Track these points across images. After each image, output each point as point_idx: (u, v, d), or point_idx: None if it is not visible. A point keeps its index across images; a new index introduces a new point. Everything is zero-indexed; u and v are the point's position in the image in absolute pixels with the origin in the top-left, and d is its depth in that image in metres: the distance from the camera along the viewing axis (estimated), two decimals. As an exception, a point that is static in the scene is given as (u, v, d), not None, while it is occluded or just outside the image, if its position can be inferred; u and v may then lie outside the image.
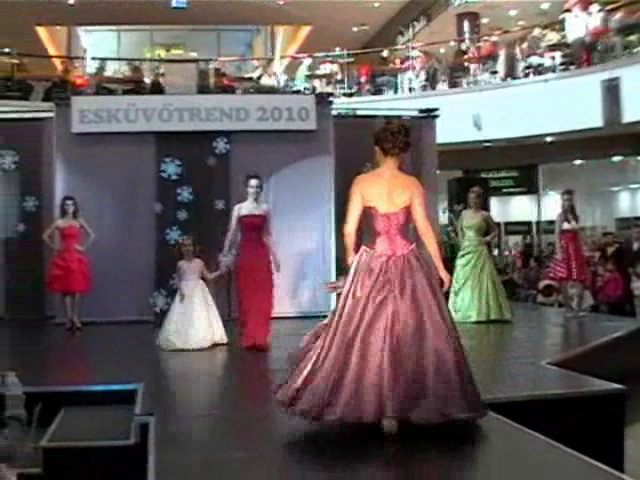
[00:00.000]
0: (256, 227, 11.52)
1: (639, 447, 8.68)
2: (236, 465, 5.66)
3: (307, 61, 25.65)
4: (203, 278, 12.13)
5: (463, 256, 14.27)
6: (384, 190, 6.68)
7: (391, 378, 5.89)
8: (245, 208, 11.61)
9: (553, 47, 22.34)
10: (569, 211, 14.12)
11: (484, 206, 15.41)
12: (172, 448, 6.14)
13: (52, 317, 14.63)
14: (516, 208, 28.05)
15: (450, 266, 15.01)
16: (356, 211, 6.68)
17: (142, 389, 8.04)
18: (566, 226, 14.05)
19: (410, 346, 6.06)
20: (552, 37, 22.75)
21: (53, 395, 7.93)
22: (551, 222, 25.64)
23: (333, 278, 14.20)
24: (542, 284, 18.83)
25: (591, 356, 10.60)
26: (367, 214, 6.68)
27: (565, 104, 20.30)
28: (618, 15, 21.00)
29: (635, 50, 20.31)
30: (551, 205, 26.80)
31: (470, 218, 14.40)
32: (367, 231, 6.86)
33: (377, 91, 24.92)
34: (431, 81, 24.46)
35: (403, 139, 6.77)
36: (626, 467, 7.31)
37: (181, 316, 11.63)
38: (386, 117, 16.72)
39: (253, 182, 11.74)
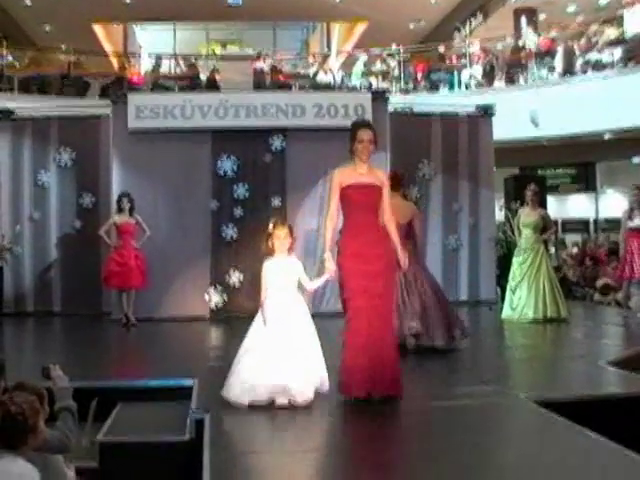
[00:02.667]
0: (369, 203, 7.65)
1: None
2: (290, 465, 5.65)
3: (363, 57, 25.58)
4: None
5: (520, 254, 14.13)
6: None
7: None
8: (348, 174, 7.77)
9: (612, 43, 22.06)
10: (637, 208, 13.80)
11: (541, 203, 15.23)
12: (227, 445, 6.15)
13: (108, 313, 14.74)
14: (573, 206, 27.77)
15: (507, 264, 14.92)
16: None
17: (198, 385, 8.06)
18: (632, 224, 13.77)
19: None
20: (611, 33, 22.47)
21: (109, 390, 7.99)
22: (608, 220, 25.57)
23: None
24: (600, 282, 18.61)
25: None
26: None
27: (623, 100, 20.03)
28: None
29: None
30: (608, 203, 26.58)
31: (527, 216, 14.25)
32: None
33: (433, 88, 24.79)
34: (488, 77, 24.27)
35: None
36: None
37: (261, 353, 7.32)
38: (442, 114, 16.75)
39: (365, 135, 7.81)
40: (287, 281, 7.57)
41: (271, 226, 7.76)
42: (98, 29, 30.01)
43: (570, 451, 5.95)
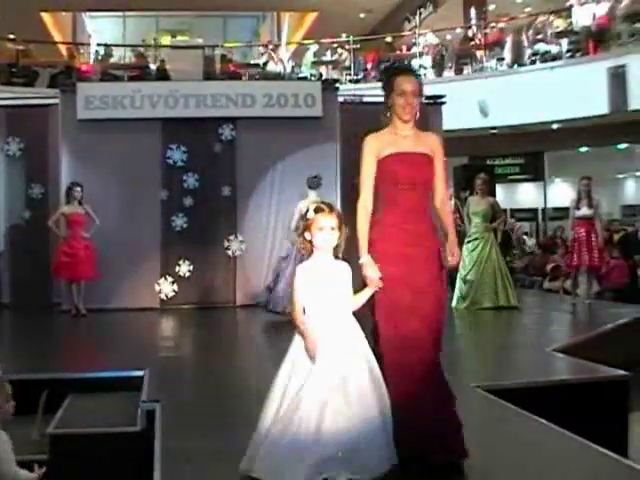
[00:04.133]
0: (419, 179, 5.59)
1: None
2: (241, 452, 5.67)
3: (313, 47, 25.59)
4: None
5: (470, 242, 14.25)
6: None
7: None
8: (387, 141, 5.71)
9: (560, 34, 22.25)
10: (585, 197, 13.97)
11: (490, 192, 15.37)
12: (178, 434, 6.16)
13: (58, 304, 14.63)
14: (522, 195, 28.00)
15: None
16: None
17: (148, 376, 8.06)
18: (580, 213, 13.95)
19: None
20: (559, 24, 22.66)
21: (59, 382, 7.97)
22: (556, 209, 25.87)
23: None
24: (550, 265, 18.81)
25: (596, 343, 10.61)
26: None
27: (571, 91, 20.22)
28: (625, 2, 20.89)
29: (642, 37, 20.23)
30: (556, 192, 26.86)
31: (476, 204, 14.38)
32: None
33: (383, 78, 24.80)
34: (438, 68, 24.38)
35: None
36: (630, 453, 7.33)
37: (307, 413, 4.89)
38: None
39: (407, 85, 5.66)
40: (334, 296, 5.09)
41: (310, 211, 5.21)
42: (47, 17, 29.71)
43: (520, 438, 6.03)
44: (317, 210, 5.19)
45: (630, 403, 8.00)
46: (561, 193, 26.01)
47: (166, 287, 15.05)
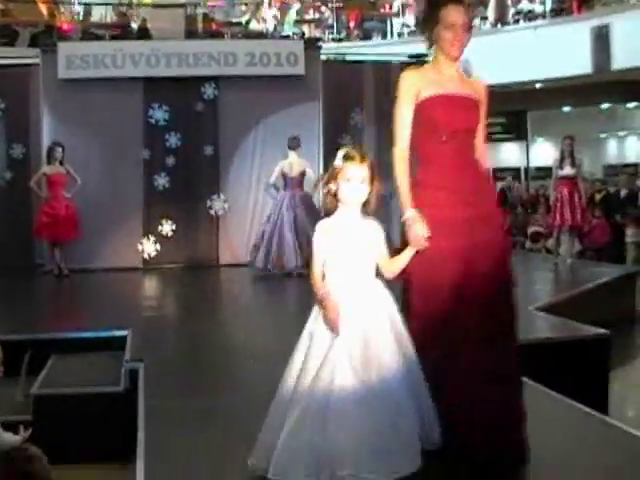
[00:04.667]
0: (466, 127, 4.79)
1: (623, 391, 8.78)
2: (225, 411, 5.69)
3: (296, 6, 25.43)
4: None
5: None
6: None
7: None
8: (430, 80, 4.84)
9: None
10: (568, 157, 13.98)
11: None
12: (162, 394, 6.17)
13: (40, 265, 14.59)
14: (505, 154, 27.98)
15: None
16: None
17: (131, 335, 8.06)
18: (563, 172, 13.96)
19: None
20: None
21: (42, 342, 7.97)
22: (539, 169, 25.88)
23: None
24: (531, 230, 18.87)
25: (578, 302, 10.67)
26: None
27: (555, 51, 20.17)
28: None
29: (625, -3, 20.20)
30: (539, 151, 26.87)
31: None
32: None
33: (366, 36, 24.75)
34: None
35: None
36: (610, 410, 7.40)
37: (328, 398, 4.08)
38: (374, 62, 16.73)
39: (456, 16, 4.81)
40: (361, 260, 4.29)
41: (339, 159, 4.35)
42: (26, -25, 29.38)
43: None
44: (346, 157, 4.33)
45: (611, 361, 8.06)
46: (544, 152, 25.98)
47: (149, 247, 15.02)
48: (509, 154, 27.88)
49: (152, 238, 15.03)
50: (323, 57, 16.35)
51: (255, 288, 12.94)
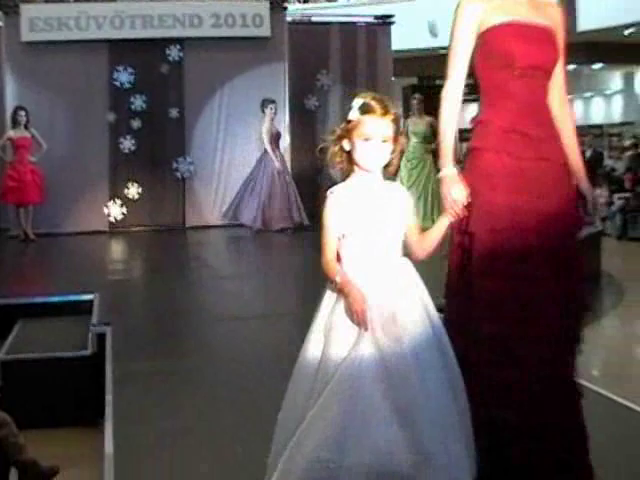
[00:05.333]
0: (541, 64, 3.84)
1: (588, 350, 8.86)
2: (192, 373, 5.73)
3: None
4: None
5: (409, 161, 14.19)
6: None
7: None
8: (496, 5, 3.85)
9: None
10: None
11: (431, 112, 15.38)
12: (129, 357, 6.19)
13: (6, 229, 14.49)
14: (471, 115, 28.01)
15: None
16: None
17: (98, 299, 8.05)
18: None
19: None
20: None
21: (8, 307, 7.94)
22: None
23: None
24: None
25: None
26: None
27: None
28: None
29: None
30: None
31: (415, 124, 14.32)
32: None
33: (332, -2, 24.64)
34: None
35: None
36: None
37: (352, 396, 3.20)
38: (340, 24, 16.69)
39: None
40: (387, 234, 3.41)
41: (355, 110, 3.39)
42: None
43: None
44: (364, 109, 3.37)
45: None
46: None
47: (115, 210, 14.96)
48: (474, 114, 27.96)
49: (118, 201, 14.97)
50: (289, 19, 16.29)
51: (222, 250, 12.96)
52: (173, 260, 12.02)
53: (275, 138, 14.07)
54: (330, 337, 3.33)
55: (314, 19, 17.38)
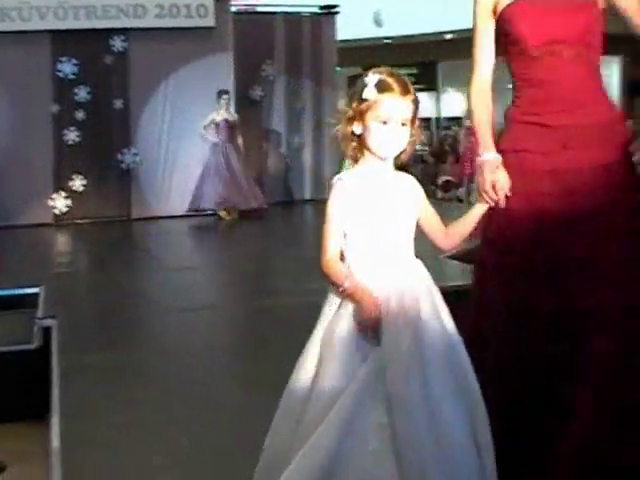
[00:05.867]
0: (565, 38, 3.34)
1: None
2: (139, 365, 5.70)
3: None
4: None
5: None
6: None
7: None
8: None
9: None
10: None
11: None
12: (75, 350, 6.14)
13: (-52, 221, 14.34)
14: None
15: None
16: None
17: (44, 292, 7.98)
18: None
19: None
20: None
21: (-49, 301, 7.84)
22: (449, 119, 26.13)
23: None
24: (441, 179, 19.06)
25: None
26: None
27: (465, 1, 20.28)
28: None
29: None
30: (449, 102, 27.10)
31: None
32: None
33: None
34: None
35: None
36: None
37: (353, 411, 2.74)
38: (286, 14, 16.69)
39: None
40: (401, 230, 3.00)
41: (368, 86, 2.97)
42: None
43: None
44: (383, 87, 2.95)
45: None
46: (455, 103, 26.23)
47: (60, 202, 14.83)
48: (420, 104, 28.06)
49: (63, 194, 14.85)
50: (233, 9, 16.25)
51: (169, 242, 12.89)
52: (119, 252, 11.95)
53: (231, 127, 14.31)
54: (329, 354, 2.85)
55: (259, 9, 17.34)
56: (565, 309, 3.17)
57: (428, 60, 26.46)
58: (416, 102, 2.99)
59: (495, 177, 3.30)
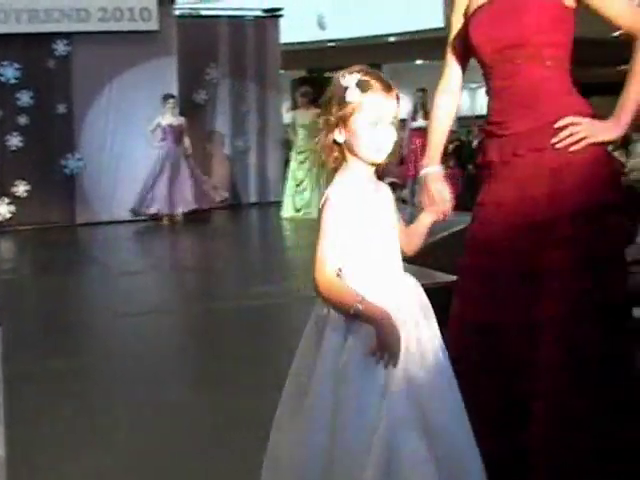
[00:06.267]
0: (510, 42, 3.23)
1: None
2: (85, 372, 5.69)
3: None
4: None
5: (300, 154, 14.32)
6: None
7: None
8: None
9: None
10: (420, 109, 14.40)
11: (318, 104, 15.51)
12: (20, 358, 6.10)
13: None
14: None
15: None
16: None
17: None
18: (416, 124, 14.33)
19: None
20: None
21: None
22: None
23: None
24: (386, 181, 19.14)
25: (434, 249, 10.87)
26: None
27: (408, 4, 20.45)
28: None
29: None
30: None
31: (302, 117, 14.43)
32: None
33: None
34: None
35: None
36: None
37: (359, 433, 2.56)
38: (230, 17, 16.72)
39: None
40: (391, 239, 2.89)
41: (350, 87, 2.73)
42: None
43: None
44: (365, 87, 2.73)
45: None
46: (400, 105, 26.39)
47: (3, 209, 14.71)
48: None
49: (6, 199, 14.72)
50: (177, 12, 16.25)
51: (113, 247, 12.83)
52: (64, 258, 11.88)
53: (177, 131, 14.41)
54: (344, 381, 2.59)
55: (203, 13, 17.34)
56: (518, 322, 3.13)
57: (372, 62, 26.53)
58: (399, 98, 2.77)
59: (437, 188, 3.36)
